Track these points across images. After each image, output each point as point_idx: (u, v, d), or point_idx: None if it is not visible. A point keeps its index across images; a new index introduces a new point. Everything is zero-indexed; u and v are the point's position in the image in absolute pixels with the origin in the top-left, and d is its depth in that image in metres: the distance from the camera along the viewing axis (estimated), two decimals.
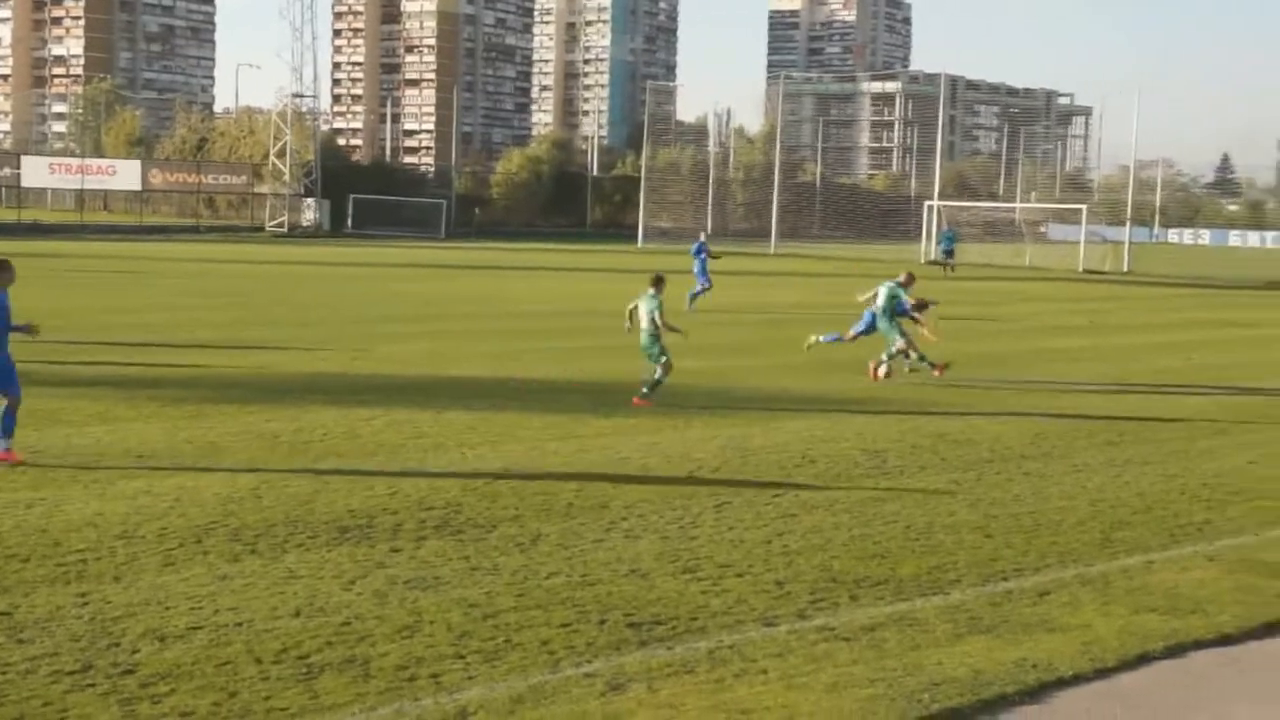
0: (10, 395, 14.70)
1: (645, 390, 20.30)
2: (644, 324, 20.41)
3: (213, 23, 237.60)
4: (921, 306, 23.87)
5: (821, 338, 25.00)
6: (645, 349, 20.57)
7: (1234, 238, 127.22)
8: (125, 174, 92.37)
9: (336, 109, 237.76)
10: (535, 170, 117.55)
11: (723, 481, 14.85)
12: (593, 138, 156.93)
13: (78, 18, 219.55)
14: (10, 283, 14.92)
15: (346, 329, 30.50)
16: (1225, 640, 10.00)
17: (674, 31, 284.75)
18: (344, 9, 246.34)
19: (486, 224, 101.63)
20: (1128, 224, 74.12)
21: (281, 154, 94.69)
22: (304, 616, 9.84)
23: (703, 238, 40.56)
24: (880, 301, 22.78)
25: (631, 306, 21.04)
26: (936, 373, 23.07)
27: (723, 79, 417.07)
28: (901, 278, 23.57)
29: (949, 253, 61.98)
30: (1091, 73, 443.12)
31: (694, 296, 37.60)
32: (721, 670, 8.99)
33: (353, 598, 10.32)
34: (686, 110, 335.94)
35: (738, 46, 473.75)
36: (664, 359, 20.32)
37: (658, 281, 20.80)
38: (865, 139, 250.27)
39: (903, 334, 23.38)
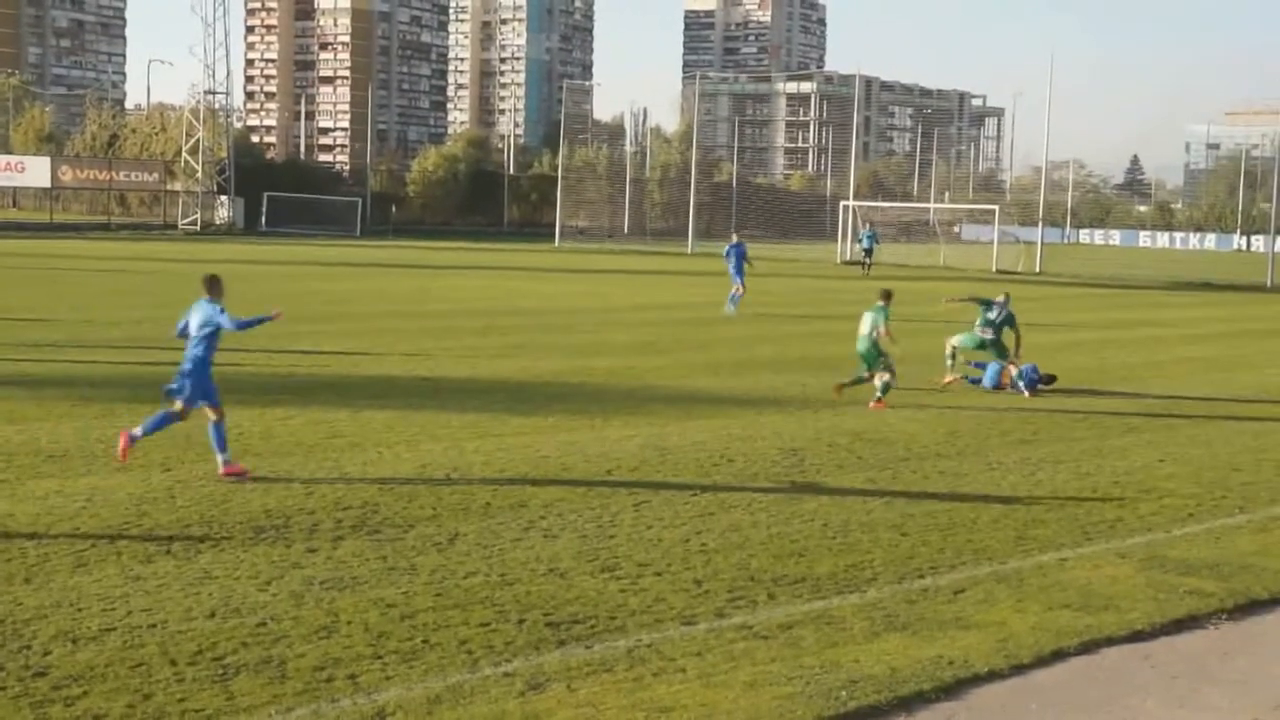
0: (214, 408, 14.50)
1: (879, 394, 20.84)
2: (864, 330, 20.83)
3: (123, 18, 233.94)
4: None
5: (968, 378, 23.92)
6: (864, 354, 20.99)
7: (1144, 238, 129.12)
8: (34, 171, 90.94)
9: (250, 106, 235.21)
10: (452, 169, 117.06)
11: (641, 480, 14.87)
12: (509, 136, 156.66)
13: None
14: (221, 295, 14.97)
15: (261, 328, 30.12)
16: (1137, 636, 10.15)
17: (590, 31, 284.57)
18: (257, 5, 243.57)
19: (402, 222, 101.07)
20: (1040, 224, 75.00)
21: (194, 151, 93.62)
22: (219, 617, 9.74)
23: (736, 239, 39.86)
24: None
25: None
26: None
27: (639, 79, 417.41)
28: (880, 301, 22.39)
29: (868, 251, 62.45)
30: (1004, 74, 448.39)
31: (735, 300, 37.27)
32: (640, 669, 9.00)
33: (269, 598, 10.23)
34: (603, 110, 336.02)
35: (654, 46, 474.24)
36: (885, 360, 20.88)
37: (887, 295, 21.26)
38: (781, 139, 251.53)
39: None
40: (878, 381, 20.96)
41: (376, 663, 8.96)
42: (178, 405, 14.49)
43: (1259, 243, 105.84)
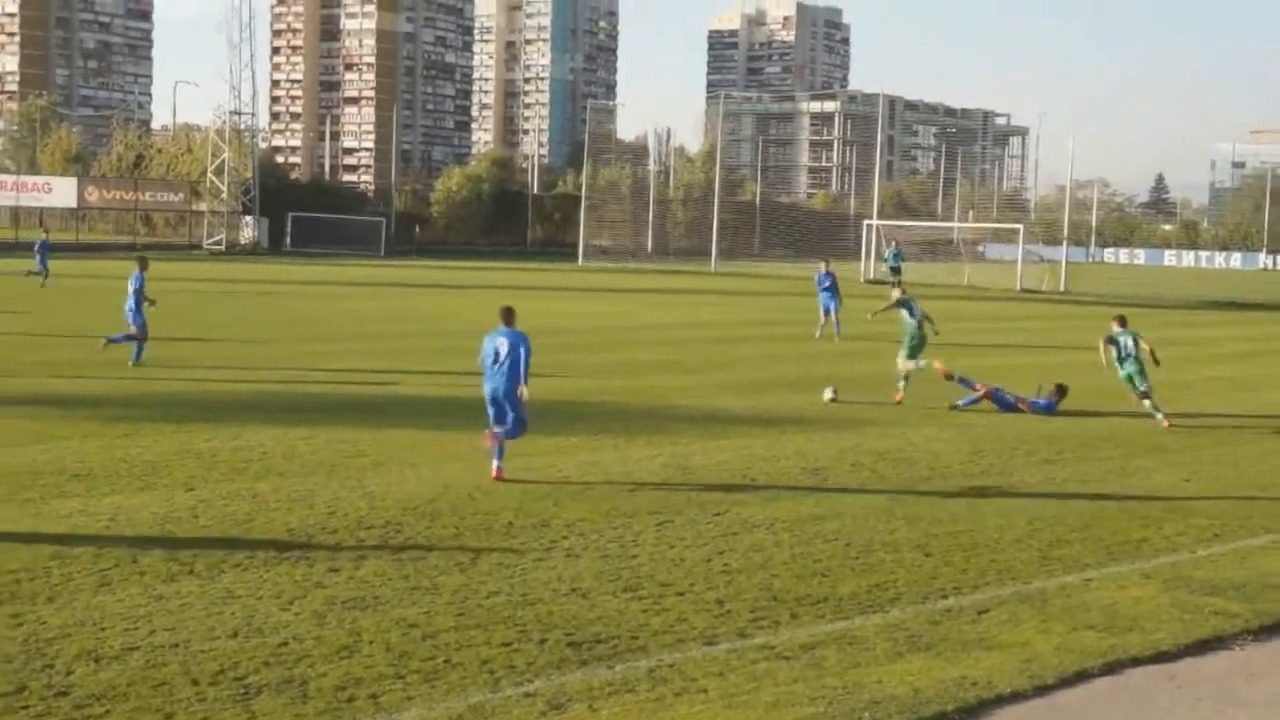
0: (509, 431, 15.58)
1: (1161, 414, 21.47)
2: (1132, 351, 21.71)
3: (150, 40, 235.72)
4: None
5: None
6: (1130, 376, 21.75)
7: (1169, 257, 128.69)
8: (61, 191, 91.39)
9: (275, 127, 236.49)
10: (475, 189, 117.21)
11: (664, 500, 14.85)
12: (533, 156, 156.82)
13: (13, 34, 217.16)
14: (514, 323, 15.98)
15: (286, 347, 30.31)
16: (1162, 657, 10.10)
17: (614, 51, 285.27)
18: (283, 27, 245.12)
19: (426, 242, 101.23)
20: (1064, 243, 74.81)
21: (219, 171, 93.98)
22: (241, 637, 9.76)
23: (825, 267, 38.44)
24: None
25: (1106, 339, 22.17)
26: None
27: (663, 98, 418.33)
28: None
29: (895, 270, 62.20)
30: (1029, 94, 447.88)
31: (838, 326, 36.69)
32: (662, 689, 8.98)
33: (291, 618, 10.24)
34: (627, 129, 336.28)
35: (677, 66, 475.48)
36: (1147, 383, 21.71)
37: (1122, 320, 22.41)
38: (805, 158, 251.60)
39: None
40: (1148, 404, 21.64)
41: (398, 683, 8.96)
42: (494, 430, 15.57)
43: None
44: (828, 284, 37.07)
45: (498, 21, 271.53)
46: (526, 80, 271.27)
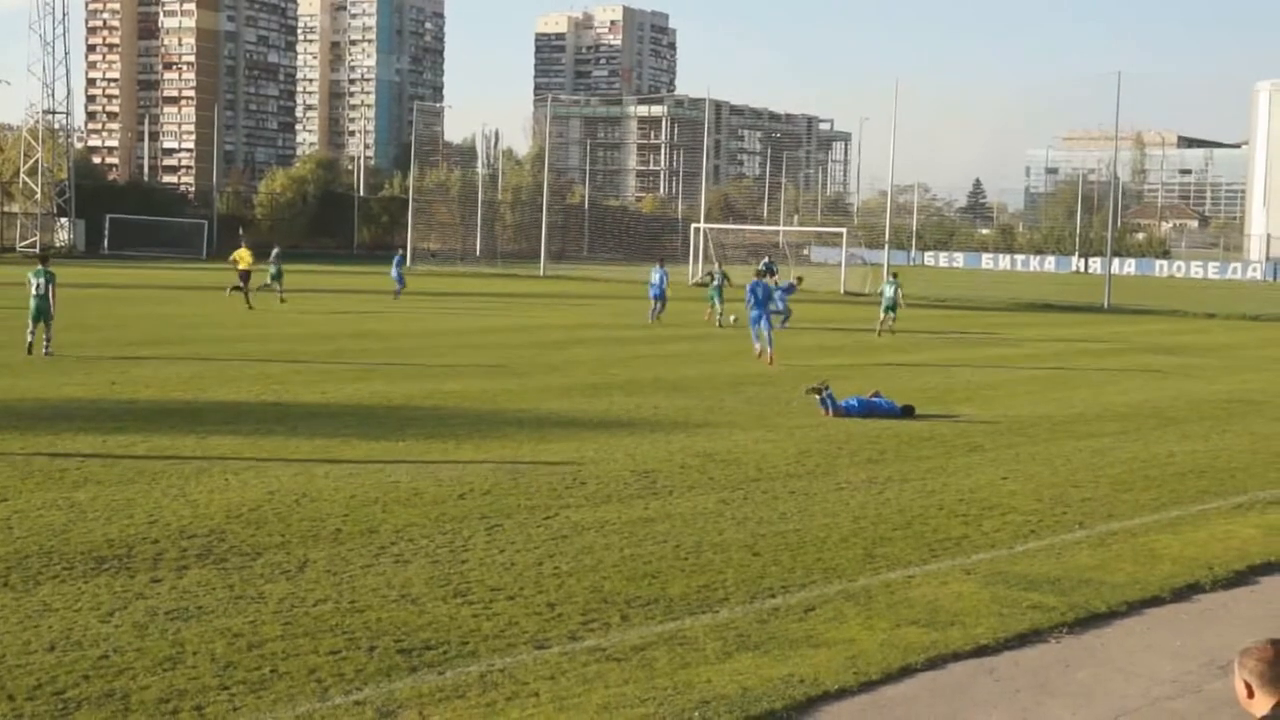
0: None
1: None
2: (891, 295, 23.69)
3: None
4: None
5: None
6: (887, 309, 23.92)
7: (987, 260, 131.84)
8: None
9: (91, 126, 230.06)
10: (300, 191, 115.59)
11: (494, 504, 14.80)
12: (359, 158, 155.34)
13: None
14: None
15: (103, 352, 29.55)
16: (982, 651, 10.35)
17: (441, 53, 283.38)
18: (99, 24, 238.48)
19: (251, 245, 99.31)
20: (887, 247, 76.24)
21: (33, 172, 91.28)
22: (59, 650, 9.49)
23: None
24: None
25: None
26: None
27: (491, 101, 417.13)
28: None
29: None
30: (851, 100, 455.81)
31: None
32: (493, 694, 8.95)
33: (111, 630, 9.99)
34: (454, 132, 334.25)
35: (505, 69, 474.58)
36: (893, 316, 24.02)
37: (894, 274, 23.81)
38: (633, 162, 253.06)
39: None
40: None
41: (224, 694, 8.80)
42: None
43: (1096, 264, 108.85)
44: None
45: (321, 22, 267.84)
46: (352, 81, 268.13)
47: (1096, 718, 9.22)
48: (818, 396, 22.80)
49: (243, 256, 48.41)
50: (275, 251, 52.33)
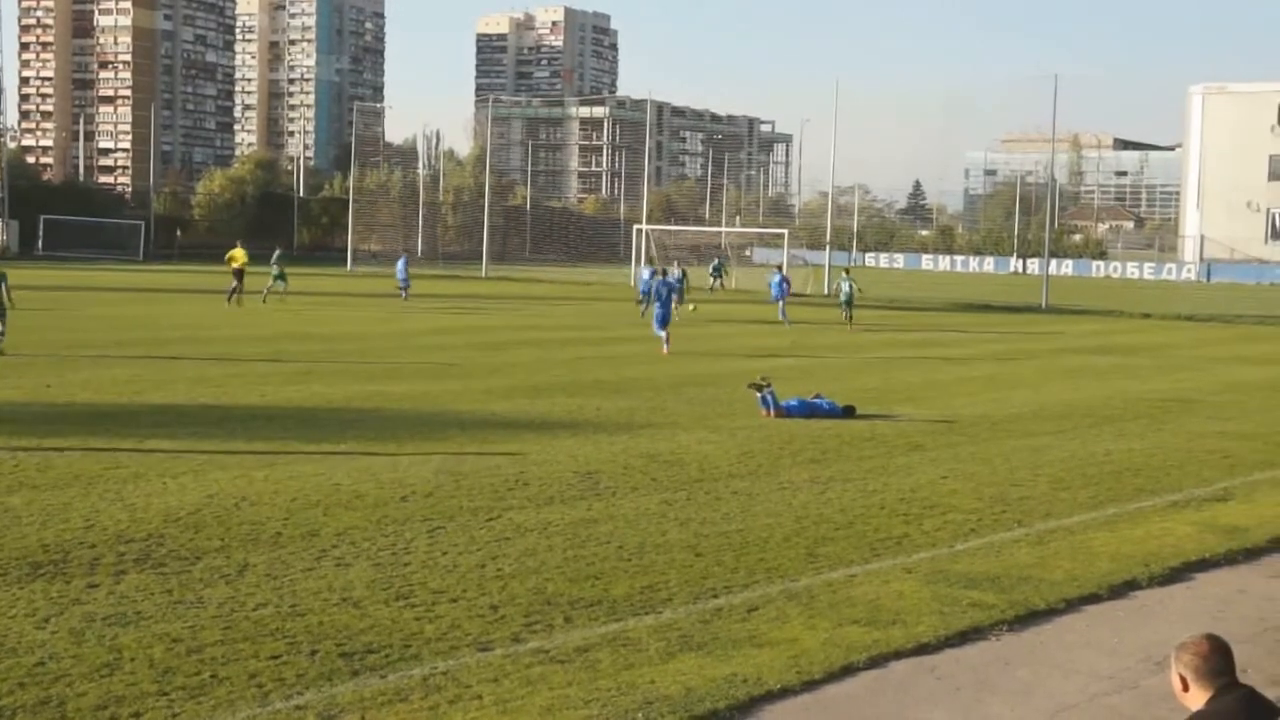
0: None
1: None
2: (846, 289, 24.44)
3: None
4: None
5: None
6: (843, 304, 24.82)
7: (926, 262, 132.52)
8: None
9: (25, 125, 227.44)
10: (239, 191, 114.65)
11: (436, 507, 14.75)
12: (299, 159, 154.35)
13: None
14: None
15: (37, 355, 29.21)
16: (923, 649, 10.41)
17: (381, 53, 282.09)
18: (32, 22, 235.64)
19: (188, 246, 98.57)
20: (828, 248, 76.57)
21: None
22: None
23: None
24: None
25: None
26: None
27: (432, 102, 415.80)
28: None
29: (718, 271, 68.58)
30: (792, 102, 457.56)
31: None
32: (436, 697, 8.92)
33: (47, 636, 9.88)
34: (395, 132, 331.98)
35: (446, 69, 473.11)
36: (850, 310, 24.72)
37: (847, 270, 24.03)
38: (575, 163, 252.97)
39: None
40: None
41: (162, 699, 8.72)
42: None
43: (1034, 265, 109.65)
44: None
45: (260, 21, 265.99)
46: (291, 81, 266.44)
47: (1036, 714, 9.29)
48: (758, 394, 22.82)
49: (237, 256, 48.18)
50: (277, 254, 52.05)
